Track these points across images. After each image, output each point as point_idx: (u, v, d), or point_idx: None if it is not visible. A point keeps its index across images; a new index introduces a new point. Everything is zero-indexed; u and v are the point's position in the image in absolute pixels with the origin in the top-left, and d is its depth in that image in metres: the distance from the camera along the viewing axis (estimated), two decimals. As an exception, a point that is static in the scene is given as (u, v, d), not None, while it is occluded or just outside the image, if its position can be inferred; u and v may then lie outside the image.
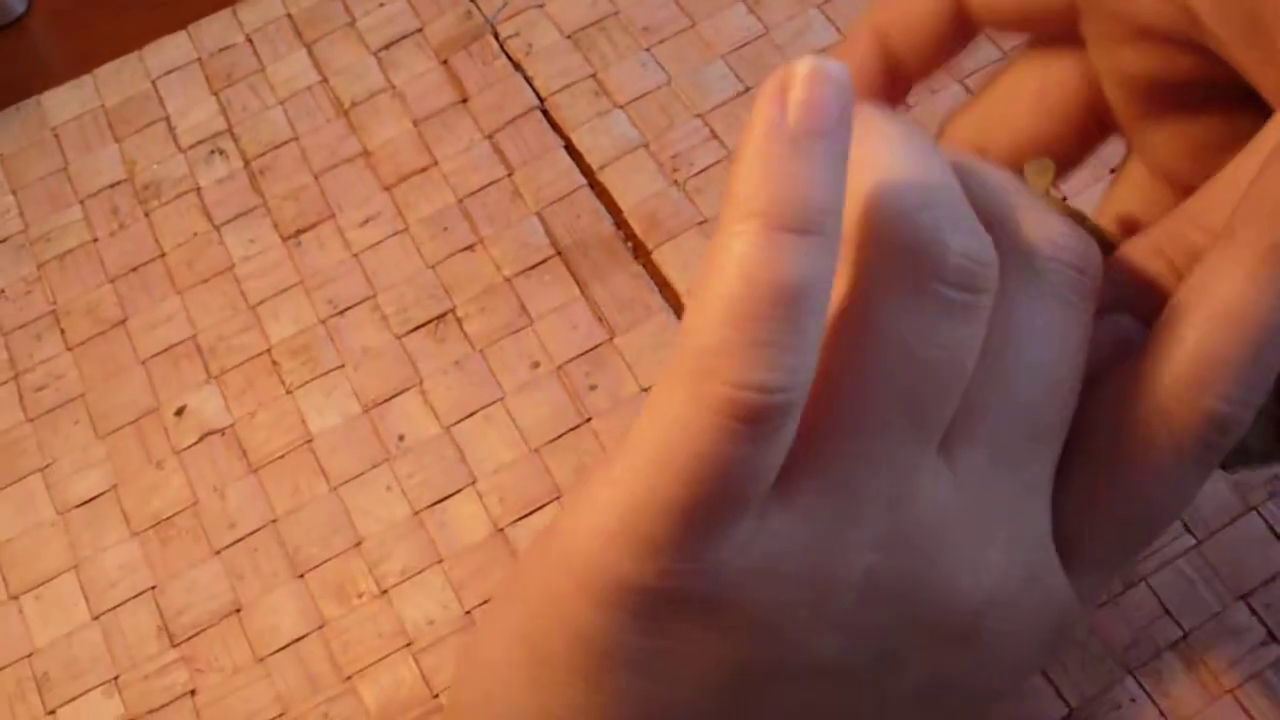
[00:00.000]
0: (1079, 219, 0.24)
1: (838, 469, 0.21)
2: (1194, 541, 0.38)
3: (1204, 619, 0.37)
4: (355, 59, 0.49)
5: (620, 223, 0.44)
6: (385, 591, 0.39)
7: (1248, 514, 0.38)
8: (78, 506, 0.41)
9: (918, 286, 0.20)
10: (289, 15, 0.50)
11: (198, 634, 0.39)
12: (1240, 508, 0.38)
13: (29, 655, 0.39)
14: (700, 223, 0.44)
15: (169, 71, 0.49)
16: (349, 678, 0.38)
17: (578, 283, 0.43)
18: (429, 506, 0.40)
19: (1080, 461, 0.22)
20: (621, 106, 0.46)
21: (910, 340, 0.20)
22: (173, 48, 0.50)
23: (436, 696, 0.37)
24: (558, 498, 0.40)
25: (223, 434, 0.42)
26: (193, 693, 0.38)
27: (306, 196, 0.46)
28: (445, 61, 0.48)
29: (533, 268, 0.43)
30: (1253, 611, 0.37)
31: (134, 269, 0.45)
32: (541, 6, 0.49)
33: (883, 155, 0.21)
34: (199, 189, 0.47)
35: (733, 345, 0.18)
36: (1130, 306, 0.23)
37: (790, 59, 0.48)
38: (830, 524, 0.21)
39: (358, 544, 0.40)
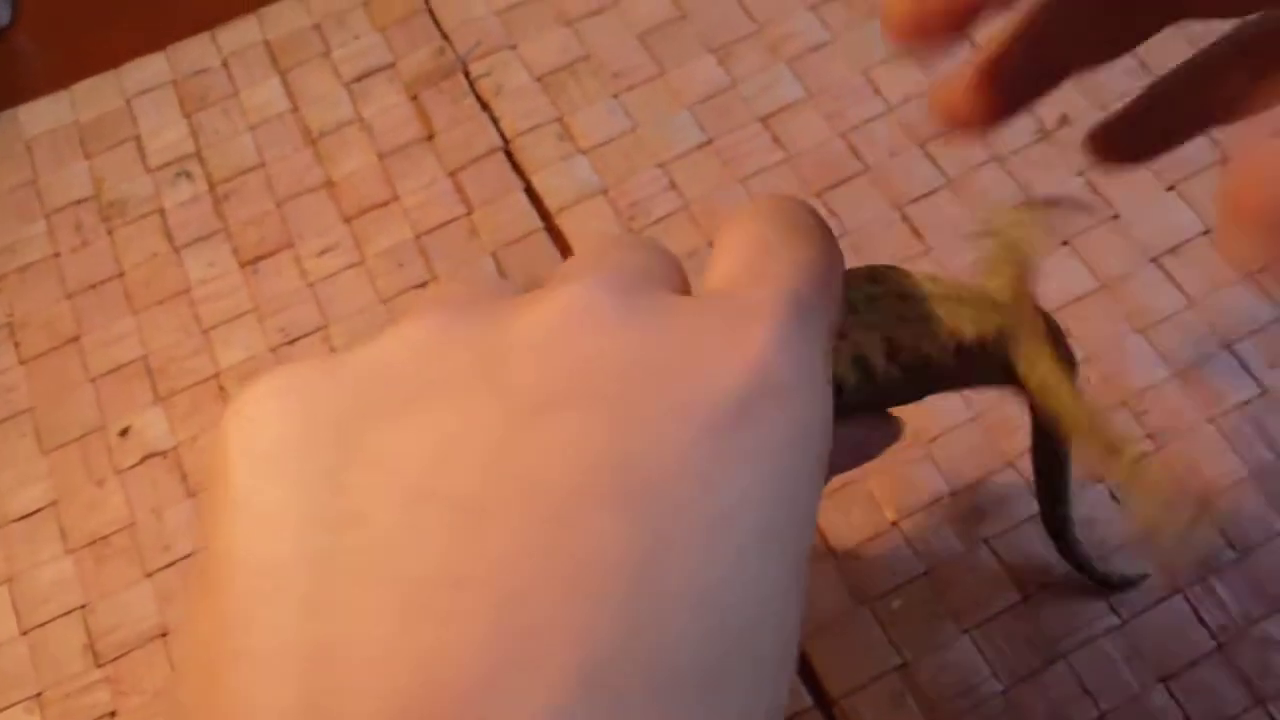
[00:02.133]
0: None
1: None
2: (1118, 621, 0.38)
3: (1122, 700, 0.37)
4: (327, 89, 0.49)
5: (574, 267, 0.44)
6: (311, 623, 0.39)
7: (1173, 596, 0.38)
8: (16, 520, 0.41)
9: None
10: (266, 41, 0.51)
11: (123, 655, 0.39)
12: (1166, 590, 0.38)
13: (-45, 667, 0.39)
14: (653, 272, 0.44)
15: (144, 91, 0.50)
16: (267, 708, 0.38)
17: (527, 325, 0.43)
18: (361, 541, 0.40)
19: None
20: (584, 151, 0.47)
21: None
22: (150, 67, 0.51)
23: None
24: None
25: (164, 456, 0.42)
26: (113, 714, 0.38)
27: (268, 223, 0.46)
28: (415, 97, 0.49)
29: (483, 307, 0.44)
30: (1171, 695, 0.36)
31: (92, 286, 0.46)
32: (514, 48, 0.49)
33: None
34: (163, 210, 0.47)
35: None
36: None
37: (755, 112, 0.47)
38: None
39: (288, 574, 0.40)
